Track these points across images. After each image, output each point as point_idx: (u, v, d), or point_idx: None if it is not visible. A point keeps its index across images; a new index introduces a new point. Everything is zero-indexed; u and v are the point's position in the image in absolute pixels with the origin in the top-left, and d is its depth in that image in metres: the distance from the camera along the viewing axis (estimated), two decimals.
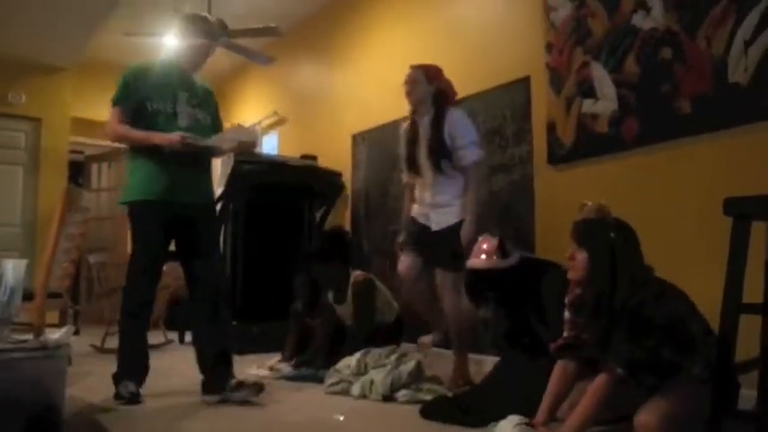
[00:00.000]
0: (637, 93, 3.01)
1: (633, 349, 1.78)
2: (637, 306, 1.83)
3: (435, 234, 3.11)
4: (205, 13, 3.03)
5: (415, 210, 3.25)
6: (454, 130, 3.06)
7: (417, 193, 3.25)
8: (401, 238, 3.31)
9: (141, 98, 2.81)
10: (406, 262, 3.21)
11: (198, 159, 2.89)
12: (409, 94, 3.18)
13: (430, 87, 3.15)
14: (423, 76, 3.16)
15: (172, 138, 2.74)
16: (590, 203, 2.07)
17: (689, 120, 2.78)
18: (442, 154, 3.06)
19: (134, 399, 2.70)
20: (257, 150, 5.60)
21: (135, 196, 2.82)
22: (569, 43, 3.37)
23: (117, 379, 2.78)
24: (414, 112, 3.23)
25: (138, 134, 2.79)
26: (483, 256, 2.60)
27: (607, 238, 1.96)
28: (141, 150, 2.82)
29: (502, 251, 2.59)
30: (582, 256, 1.99)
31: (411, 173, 3.23)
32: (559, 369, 2.07)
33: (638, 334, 1.79)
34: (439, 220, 3.10)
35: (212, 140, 2.87)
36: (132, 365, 2.80)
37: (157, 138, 2.75)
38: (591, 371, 1.95)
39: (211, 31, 2.98)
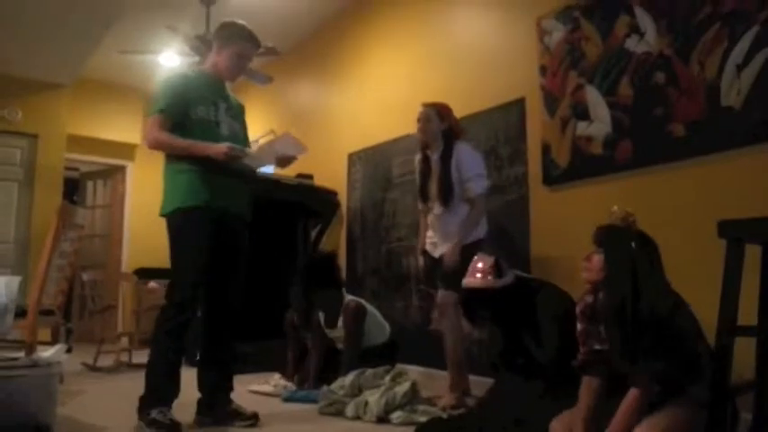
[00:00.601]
0: (630, 116, 3.03)
1: (663, 362, 1.75)
2: (659, 317, 1.80)
3: (440, 257, 3.22)
4: (241, 21, 2.90)
5: (429, 240, 3.38)
6: (461, 163, 3.20)
7: (430, 223, 3.39)
8: (421, 263, 3.44)
9: (185, 106, 2.70)
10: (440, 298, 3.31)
11: (241, 170, 2.80)
12: (422, 130, 3.31)
13: (442, 125, 3.29)
14: (435, 114, 3.30)
15: (219, 148, 2.64)
16: (617, 209, 2.06)
17: (682, 143, 2.81)
18: (449, 189, 3.20)
19: (176, 429, 2.47)
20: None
21: (179, 204, 2.66)
22: (563, 66, 3.40)
23: (149, 404, 2.54)
24: (425, 147, 3.37)
25: (184, 143, 2.66)
26: (478, 275, 2.62)
27: (627, 244, 1.93)
28: (182, 159, 2.69)
29: (497, 271, 2.60)
30: (598, 258, 1.98)
31: (424, 204, 3.38)
32: (586, 386, 1.98)
33: (665, 345, 1.77)
34: (446, 246, 3.21)
35: (255, 153, 2.77)
36: (168, 389, 2.59)
37: (203, 147, 2.65)
38: (615, 385, 1.92)
39: (254, 37, 2.86)
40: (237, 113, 2.93)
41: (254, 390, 3.51)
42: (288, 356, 3.81)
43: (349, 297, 3.66)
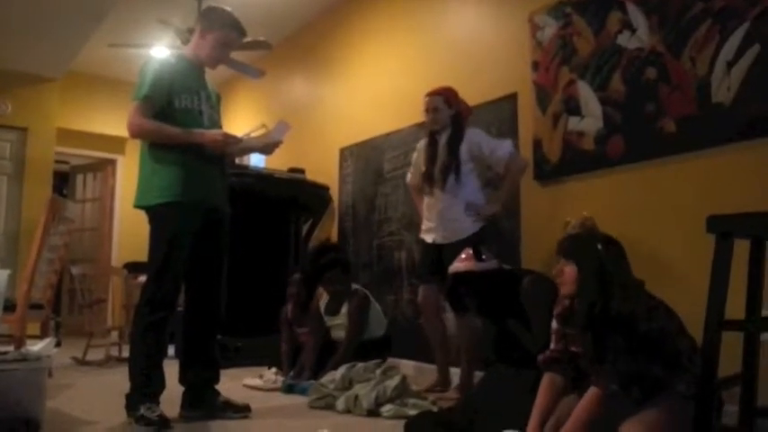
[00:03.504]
0: (622, 111, 3.05)
1: (628, 364, 1.76)
2: (630, 318, 1.81)
3: (446, 247, 3.22)
4: (228, 7, 2.82)
5: (424, 227, 3.40)
6: (479, 144, 3.26)
7: (427, 208, 3.40)
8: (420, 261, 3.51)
9: (169, 93, 2.60)
10: (424, 293, 3.36)
11: (222, 161, 2.75)
12: (433, 121, 3.32)
13: (450, 111, 3.31)
14: (443, 102, 3.31)
15: (214, 135, 2.60)
16: (573, 220, 2.08)
17: (673, 138, 2.82)
18: (457, 169, 3.23)
19: (165, 424, 2.44)
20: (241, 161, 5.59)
21: (163, 198, 2.56)
22: (555, 61, 3.41)
23: (136, 400, 2.50)
24: (434, 132, 3.38)
25: (175, 131, 2.56)
26: (461, 262, 2.71)
27: (594, 249, 1.95)
28: (168, 148, 2.59)
29: (477, 256, 2.65)
30: (570, 269, 1.97)
31: (427, 187, 3.37)
32: (547, 382, 2.03)
33: (632, 347, 1.78)
34: (447, 234, 3.24)
35: (249, 139, 2.76)
36: (153, 384, 2.55)
37: (198, 136, 2.58)
38: (578, 384, 1.94)
39: (240, 25, 2.77)
40: (214, 103, 2.85)
41: (247, 384, 3.51)
42: (281, 351, 3.81)
43: (355, 286, 3.66)
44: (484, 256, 2.69)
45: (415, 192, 3.62)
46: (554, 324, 2.07)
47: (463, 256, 2.71)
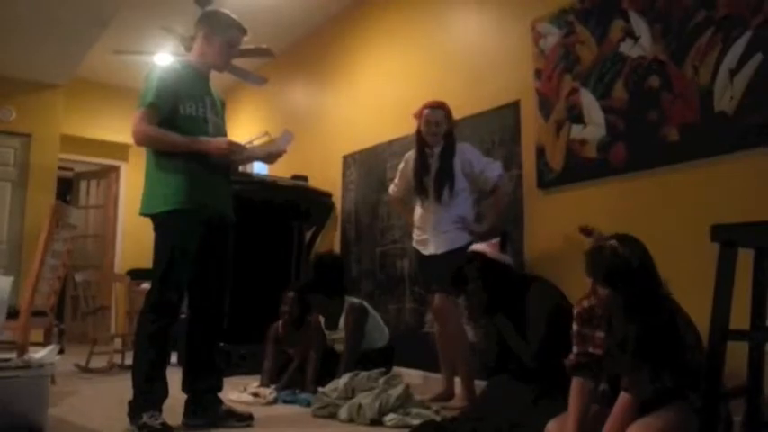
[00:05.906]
0: (625, 119, 3.05)
1: (661, 368, 1.77)
2: (655, 326, 1.81)
3: (434, 257, 3.28)
4: (225, 9, 2.83)
5: (418, 237, 3.43)
6: (470, 161, 3.33)
7: (418, 219, 3.44)
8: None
9: (175, 101, 2.60)
10: (440, 301, 3.30)
11: (226, 169, 2.76)
12: (435, 134, 3.36)
13: (448, 125, 3.38)
14: (444, 117, 3.36)
15: (220, 143, 2.61)
16: (596, 232, 2.04)
17: (676, 147, 2.82)
18: (451, 182, 3.27)
19: (167, 430, 2.45)
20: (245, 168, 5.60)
21: (171, 205, 2.56)
22: (558, 70, 3.41)
23: (139, 408, 2.49)
24: (427, 144, 3.40)
25: (179, 139, 2.57)
26: (485, 244, 2.81)
27: (630, 275, 1.88)
28: (172, 156, 2.59)
29: (502, 246, 2.75)
30: (605, 292, 1.91)
31: (419, 199, 3.42)
32: (577, 388, 1.99)
33: (666, 351, 1.79)
34: (438, 243, 3.29)
35: (253, 148, 2.80)
36: (156, 392, 2.54)
37: (203, 144, 2.60)
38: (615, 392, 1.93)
39: (240, 24, 2.78)
40: (219, 110, 2.86)
41: (233, 399, 3.29)
42: (264, 367, 3.74)
43: (351, 299, 3.64)
44: (506, 248, 2.76)
45: (398, 203, 3.74)
46: (574, 326, 2.05)
47: (493, 241, 2.79)
